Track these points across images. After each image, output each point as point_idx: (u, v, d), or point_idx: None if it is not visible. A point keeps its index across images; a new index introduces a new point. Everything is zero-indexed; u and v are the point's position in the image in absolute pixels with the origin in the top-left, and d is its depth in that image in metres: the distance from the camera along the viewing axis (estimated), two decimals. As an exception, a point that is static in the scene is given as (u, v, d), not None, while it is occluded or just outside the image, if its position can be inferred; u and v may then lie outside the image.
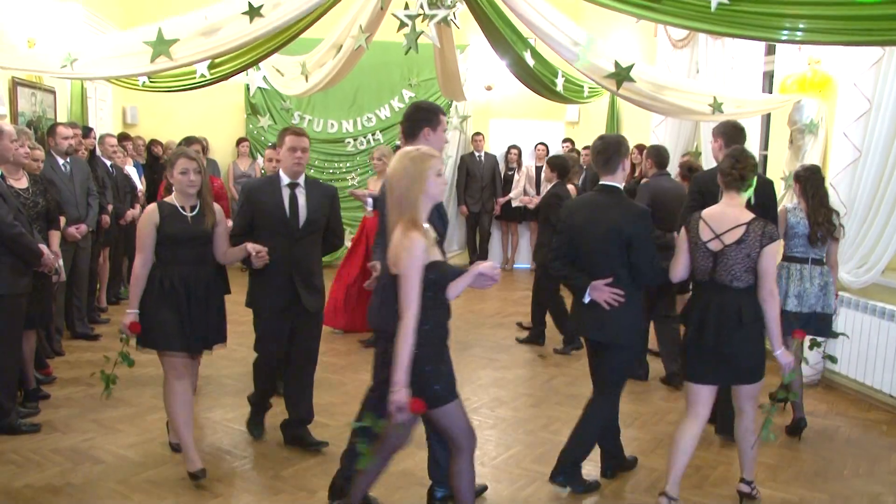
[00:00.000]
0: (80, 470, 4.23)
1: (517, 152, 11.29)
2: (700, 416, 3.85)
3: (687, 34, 7.91)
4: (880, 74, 5.47)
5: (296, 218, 4.41)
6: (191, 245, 4.18)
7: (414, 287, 3.09)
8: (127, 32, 5.97)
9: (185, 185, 4.14)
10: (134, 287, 4.14)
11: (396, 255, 3.14)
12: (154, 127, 10.49)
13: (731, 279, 3.70)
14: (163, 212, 4.16)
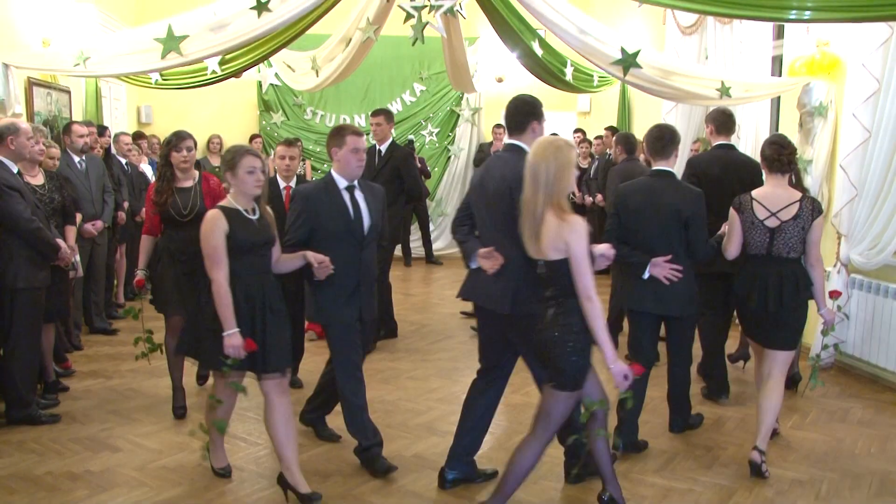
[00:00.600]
0: (98, 458, 4.32)
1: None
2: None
3: (695, 20, 7.89)
4: (889, 54, 5.45)
5: (360, 222, 4.10)
6: (259, 252, 3.81)
7: (589, 265, 3.26)
8: (137, 30, 6.06)
9: (252, 185, 3.74)
10: (226, 308, 3.61)
11: (559, 238, 3.25)
12: (168, 125, 10.49)
13: (788, 251, 4.17)
14: (229, 217, 3.71)
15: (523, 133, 3.77)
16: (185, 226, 4.70)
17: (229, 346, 3.58)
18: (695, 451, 4.45)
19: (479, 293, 3.89)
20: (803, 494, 3.96)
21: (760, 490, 3.99)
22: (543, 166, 3.28)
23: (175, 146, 4.79)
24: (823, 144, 6.20)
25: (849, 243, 5.84)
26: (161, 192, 4.76)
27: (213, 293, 3.63)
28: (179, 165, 4.82)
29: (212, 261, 3.65)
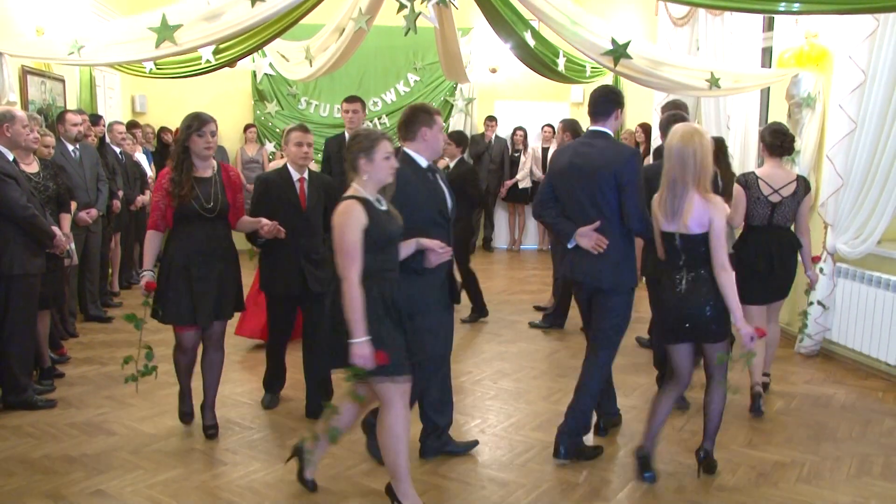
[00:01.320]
0: (94, 441, 4.38)
1: (523, 134, 11.37)
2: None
3: (687, 12, 7.96)
4: (874, 46, 5.51)
5: (446, 203, 3.94)
6: (393, 248, 3.53)
7: (725, 239, 3.69)
8: (131, 19, 6.09)
9: (388, 172, 3.47)
10: (357, 312, 3.26)
11: (704, 215, 3.64)
12: (163, 115, 10.63)
13: (785, 221, 4.87)
14: (367, 209, 3.37)
15: (608, 119, 4.05)
16: (206, 222, 4.30)
17: (358, 357, 3.24)
18: (680, 434, 4.53)
19: (579, 271, 4.08)
20: (785, 476, 4.05)
21: (743, 473, 4.08)
22: (691, 150, 3.62)
23: (197, 130, 4.22)
24: (811, 135, 6.29)
25: (835, 233, 5.92)
26: (180, 184, 4.21)
27: (345, 295, 3.28)
28: (201, 153, 4.29)
29: (348, 258, 3.28)
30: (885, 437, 4.61)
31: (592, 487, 3.91)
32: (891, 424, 4.80)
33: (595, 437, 4.49)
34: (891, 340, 5.54)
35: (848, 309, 5.95)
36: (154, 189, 4.43)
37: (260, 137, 10.93)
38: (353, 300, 3.25)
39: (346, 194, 3.42)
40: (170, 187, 4.22)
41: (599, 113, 4.05)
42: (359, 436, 4.45)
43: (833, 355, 6.15)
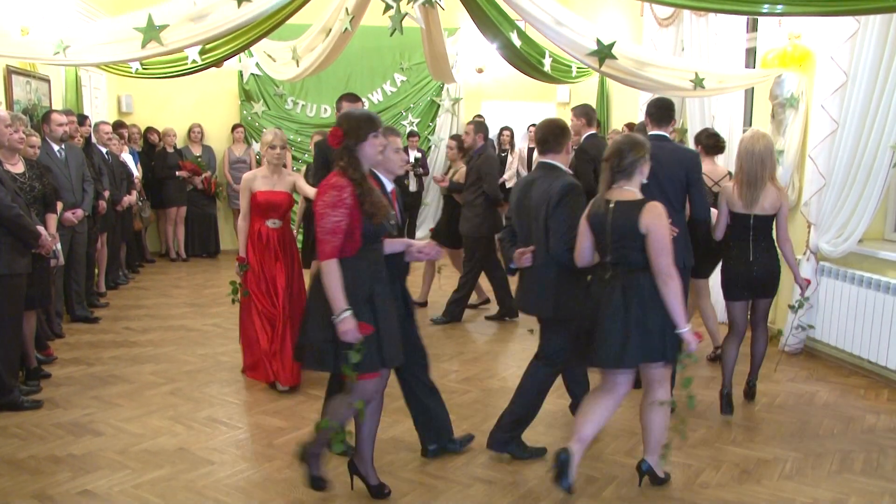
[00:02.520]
0: (80, 442, 4.38)
1: (509, 134, 11.38)
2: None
3: (672, 13, 8.01)
4: (856, 47, 5.58)
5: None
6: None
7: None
8: (117, 19, 6.05)
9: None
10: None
11: (777, 200, 4.71)
12: (149, 115, 10.60)
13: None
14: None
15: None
16: (379, 244, 3.64)
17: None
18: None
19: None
20: (767, 473, 4.10)
21: (727, 470, 4.13)
22: (769, 151, 4.68)
23: (373, 131, 3.49)
24: (794, 135, 6.34)
25: (817, 232, 5.99)
26: (379, 204, 3.43)
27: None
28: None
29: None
30: (867, 433, 4.67)
31: (578, 486, 3.94)
32: (872, 421, 4.87)
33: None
34: (872, 338, 5.61)
35: (831, 307, 6.01)
36: (329, 206, 3.34)
37: (247, 137, 10.91)
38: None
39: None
40: (363, 203, 3.39)
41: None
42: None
43: (816, 353, 6.21)
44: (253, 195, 5.36)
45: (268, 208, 5.37)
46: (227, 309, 7.58)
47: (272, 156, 5.35)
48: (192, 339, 6.59)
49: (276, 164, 5.39)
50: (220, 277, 9.31)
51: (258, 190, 5.36)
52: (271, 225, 5.44)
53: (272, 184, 5.37)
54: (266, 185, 5.36)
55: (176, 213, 10.28)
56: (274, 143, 5.34)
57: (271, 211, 5.39)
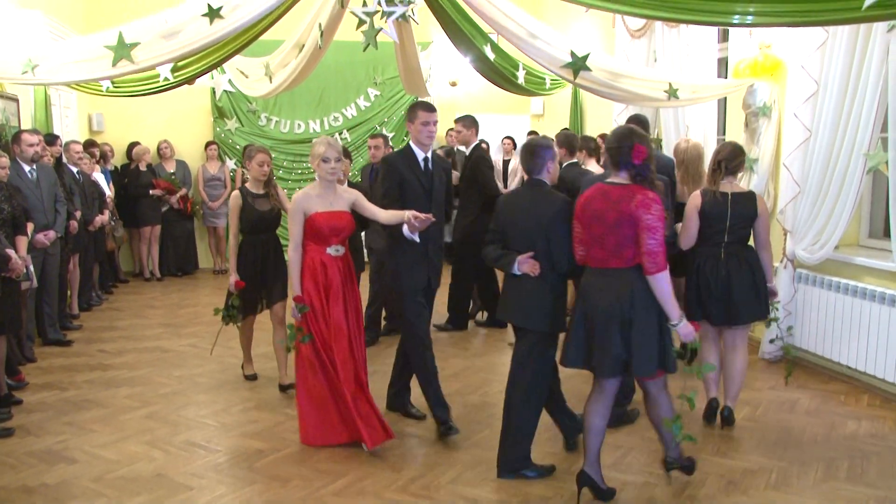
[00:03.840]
0: (54, 470, 4.27)
1: (486, 147, 11.37)
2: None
3: (644, 24, 8.07)
4: (825, 56, 5.65)
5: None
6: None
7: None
8: (87, 37, 5.97)
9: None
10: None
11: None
12: (121, 133, 10.48)
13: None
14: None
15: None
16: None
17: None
18: (650, 445, 4.56)
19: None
20: (754, 483, 4.09)
21: (713, 481, 4.11)
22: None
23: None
24: (768, 144, 6.39)
25: (793, 239, 6.02)
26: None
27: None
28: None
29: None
30: (849, 440, 4.69)
31: (564, 500, 3.90)
32: (854, 427, 4.88)
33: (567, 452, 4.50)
34: (851, 344, 5.65)
35: (809, 314, 6.05)
36: (659, 220, 3.58)
37: (221, 155, 10.81)
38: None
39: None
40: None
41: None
42: (326, 454, 4.43)
43: (796, 360, 6.22)
44: (309, 219, 4.57)
45: (330, 233, 4.61)
46: (203, 328, 7.49)
47: (326, 171, 4.57)
48: (168, 360, 6.48)
49: (331, 181, 4.65)
50: (195, 296, 9.20)
51: (316, 212, 4.56)
52: (334, 253, 4.65)
53: (329, 203, 4.63)
54: (323, 205, 4.59)
55: (150, 232, 10.15)
56: (327, 155, 4.55)
57: (333, 236, 4.62)
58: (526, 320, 4.09)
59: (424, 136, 4.73)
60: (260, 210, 5.57)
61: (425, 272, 4.78)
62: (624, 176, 3.70)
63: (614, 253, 3.66)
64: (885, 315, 5.36)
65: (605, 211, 3.67)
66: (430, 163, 4.80)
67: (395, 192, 4.69)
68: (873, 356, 5.46)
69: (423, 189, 4.75)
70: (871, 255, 5.74)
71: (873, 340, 5.46)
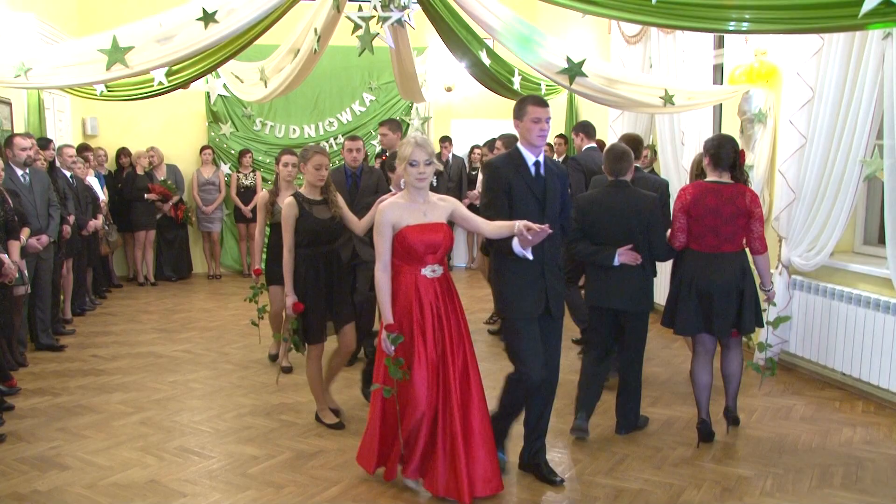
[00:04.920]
0: (46, 477, 4.23)
1: (480, 152, 11.38)
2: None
3: (639, 30, 8.08)
4: (821, 63, 5.65)
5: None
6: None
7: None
8: (81, 41, 5.96)
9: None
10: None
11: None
12: (115, 137, 10.44)
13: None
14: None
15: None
16: None
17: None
18: (645, 451, 4.55)
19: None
20: (749, 490, 4.07)
21: (708, 488, 4.10)
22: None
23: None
24: (763, 150, 6.40)
25: (789, 246, 6.03)
26: None
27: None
28: None
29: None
30: (844, 446, 4.68)
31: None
32: (848, 434, 4.88)
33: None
34: (846, 351, 5.64)
35: (804, 320, 6.05)
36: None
37: (216, 160, 10.78)
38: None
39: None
40: None
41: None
42: (320, 461, 4.41)
43: (791, 367, 6.24)
44: (399, 235, 3.82)
45: (424, 251, 3.85)
46: (197, 334, 7.48)
47: (414, 176, 3.82)
48: (162, 365, 6.44)
49: (421, 188, 3.90)
50: (190, 301, 9.17)
51: (407, 225, 3.82)
52: (430, 274, 3.88)
53: (422, 214, 3.87)
54: (414, 216, 3.85)
55: (145, 237, 10.11)
56: (415, 157, 3.78)
57: (428, 254, 3.87)
58: (637, 305, 4.69)
59: (535, 135, 4.00)
60: (320, 219, 4.77)
61: (542, 297, 4.01)
62: (727, 176, 4.54)
63: (728, 239, 4.50)
64: (879, 322, 5.36)
65: (719, 206, 4.47)
66: (542, 167, 4.08)
67: (501, 202, 3.99)
68: (868, 363, 5.46)
69: (535, 198, 4.02)
70: (866, 262, 5.75)
71: (868, 347, 5.46)
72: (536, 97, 4.14)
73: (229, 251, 11.08)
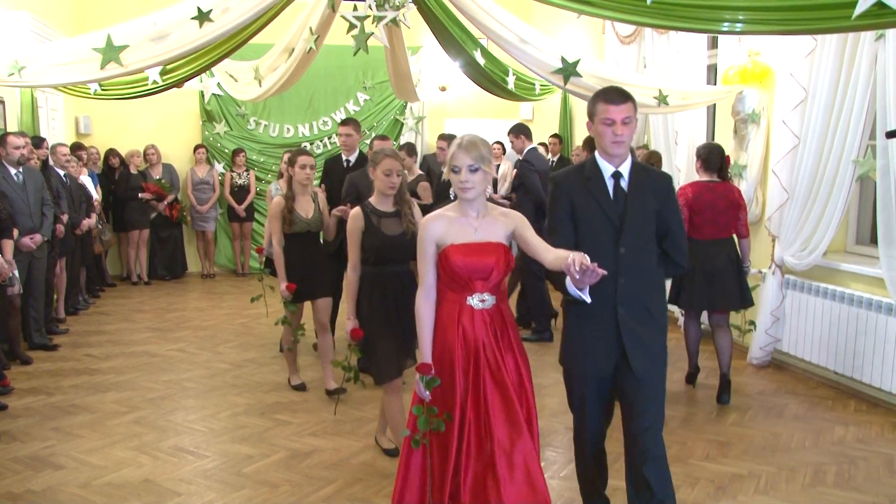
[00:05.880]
0: (40, 477, 4.22)
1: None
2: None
3: (633, 30, 8.10)
4: (814, 64, 5.68)
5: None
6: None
7: None
8: (76, 39, 5.93)
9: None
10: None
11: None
12: (108, 136, 10.42)
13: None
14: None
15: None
16: None
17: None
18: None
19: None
20: (742, 488, 4.10)
21: (703, 486, 4.12)
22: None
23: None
24: (757, 150, 6.43)
25: (781, 245, 6.05)
26: None
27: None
28: None
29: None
30: (837, 445, 4.71)
31: None
32: (841, 433, 4.91)
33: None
34: (838, 350, 5.67)
35: (797, 319, 6.07)
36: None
37: (209, 159, 10.76)
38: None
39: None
40: None
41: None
42: (315, 460, 4.41)
43: (784, 365, 6.27)
44: (442, 255, 3.09)
45: (470, 276, 3.08)
46: (191, 333, 7.47)
47: (457, 185, 3.08)
48: (156, 364, 6.43)
49: (468, 199, 3.08)
50: (184, 301, 9.15)
51: (451, 244, 3.08)
52: (477, 304, 3.10)
53: (473, 231, 3.09)
54: (463, 233, 3.09)
55: (138, 236, 10.08)
56: (456, 163, 3.03)
57: (477, 279, 3.09)
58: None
59: (608, 141, 3.10)
60: (388, 234, 4.20)
61: (612, 351, 3.16)
62: (715, 176, 5.40)
63: (723, 228, 5.34)
64: (872, 321, 5.39)
65: (715, 200, 5.31)
66: (624, 180, 3.16)
67: (563, 227, 3.20)
68: (860, 362, 5.49)
69: (609, 221, 3.14)
70: (859, 261, 5.77)
71: (861, 346, 5.49)
72: (609, 91, 3.14)
73: (223, 250, 11.06)
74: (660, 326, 3.27)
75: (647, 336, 3.19)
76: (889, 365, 5.25)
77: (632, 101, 3.11)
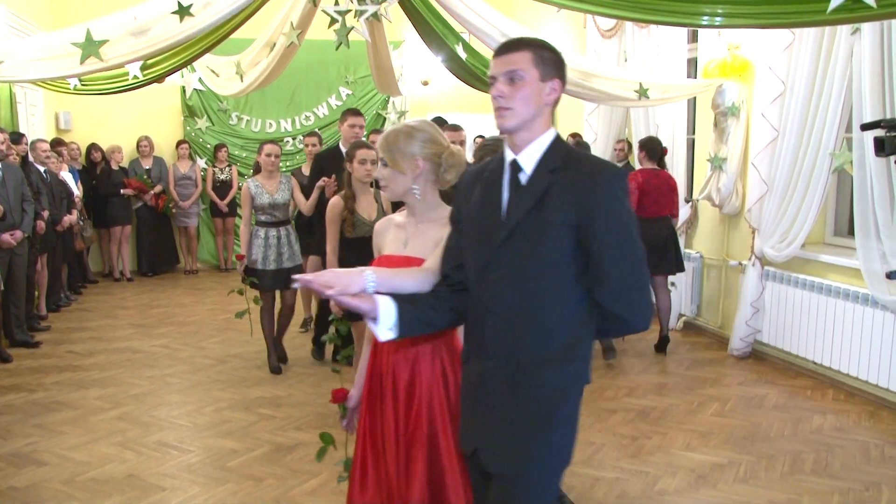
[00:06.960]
0: (22, 474, 4.21)
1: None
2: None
3: (614, 24, 8.13)
4: (792, 57, 5.74)
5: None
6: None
7: None
8: (54, 34, 5.89)
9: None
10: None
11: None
12: (89, 132, 10.34)
13: None
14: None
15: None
16: None
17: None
18: (620, 441, 4.62)
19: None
20: (723, 477, 4.15)
21: (683, 475, 4.17)
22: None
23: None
24: (737, 143, 6.48)
25: (761, 237, 6.12)
26: None
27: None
28: None
29: None
30: (815, 433, 4.78)
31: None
32: (819, 422, 4.98)
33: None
34: (817, 340, 5.75)
35: (776, 310, 6.15)
36: None
37: (192, 154, 10.71)
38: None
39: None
40: None
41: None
42: (299, 454, 4.42)
43: (764, 356, 6.34)
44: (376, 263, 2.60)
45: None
46: (174, 329, 7.44)
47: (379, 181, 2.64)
48: (139, 360, 6.42)
49: (394, 199, 2.74)
50: (167, 297, 9.12)
51: (381, 255, 2.67)
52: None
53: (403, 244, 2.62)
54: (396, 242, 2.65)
55: (121, 232, 10.03)
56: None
57: None
58: None
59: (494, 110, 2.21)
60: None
61: (469, 424, 2.30)
62: (656, 164, 6.47)
63: (664, 208, 6.37)
64: (849, 311, 5.46)
65: (659, 185, 6.38)
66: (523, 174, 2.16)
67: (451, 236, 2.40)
68: (838, 352, 5.57)
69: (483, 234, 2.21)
70: (836, 252, 5.85)
71: (838, 336, 5.56)
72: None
73: (205, 245, 11.02)
74: (548, 401, 2.11)
75: (517, 414, 2.12)
76: (866, 355, 5.33)
77: (527, 48, 2.08)
